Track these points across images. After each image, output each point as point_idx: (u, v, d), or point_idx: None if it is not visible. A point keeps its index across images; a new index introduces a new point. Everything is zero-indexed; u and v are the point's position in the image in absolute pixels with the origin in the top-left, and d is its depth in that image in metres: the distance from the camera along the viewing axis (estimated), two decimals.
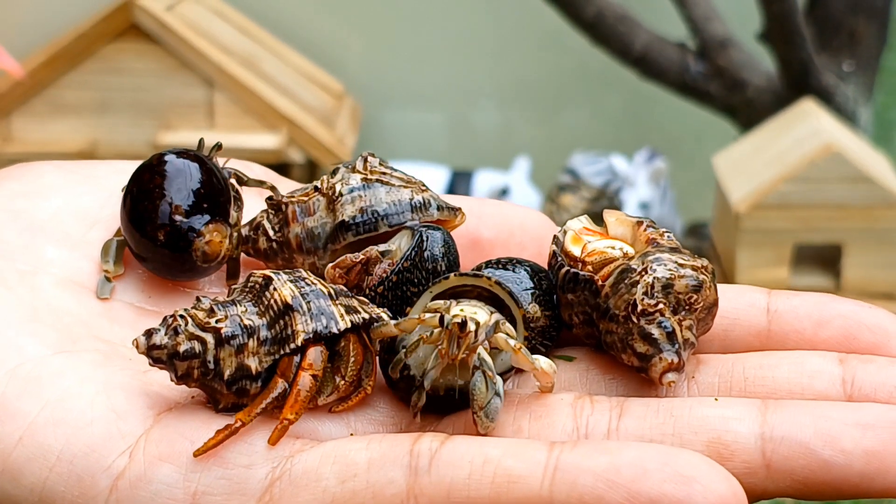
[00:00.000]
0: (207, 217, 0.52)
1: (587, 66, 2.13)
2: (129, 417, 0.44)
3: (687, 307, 0.47)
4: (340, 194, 0.52)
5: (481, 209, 0.56)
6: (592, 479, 0.39)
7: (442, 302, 0.47)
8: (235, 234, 0.54)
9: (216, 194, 0.53)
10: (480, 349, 0.45)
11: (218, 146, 0.56)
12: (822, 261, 1.69)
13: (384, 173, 0.53)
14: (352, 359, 0.46)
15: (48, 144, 2.02)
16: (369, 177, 0.53)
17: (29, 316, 0.48)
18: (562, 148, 2.11)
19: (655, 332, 0.47)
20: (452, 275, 0.48)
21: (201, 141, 0.56)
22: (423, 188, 0.53)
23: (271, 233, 0.53)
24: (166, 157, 0.53)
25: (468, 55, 2.19)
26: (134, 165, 0.55)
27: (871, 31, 1.86)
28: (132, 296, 0.52)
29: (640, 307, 0.47)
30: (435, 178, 2.01)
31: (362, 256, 0.51)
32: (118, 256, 0.53)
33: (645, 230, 0.50)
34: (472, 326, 0.45)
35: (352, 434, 0.46)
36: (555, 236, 0.51)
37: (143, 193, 0.52)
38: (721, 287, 0.50)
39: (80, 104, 2.05)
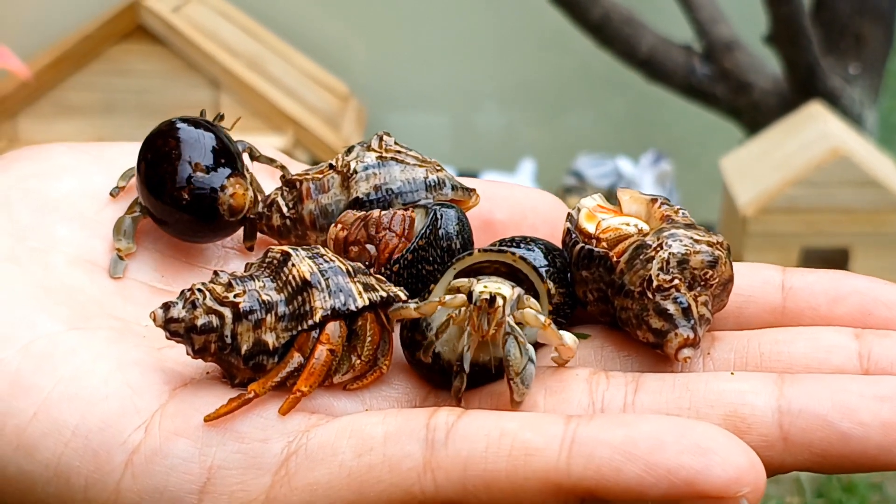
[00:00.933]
0: (228, 170, 0.53)
1: (592, 68, 2.13)
2: (145, 393, 0.44)
3: (702, 283, 0.47)
4: (355, 171, 0.52)
5: (494, 191, 0.56)
6: (609, 452, 0.39)
7: (465, 280, 0.47)
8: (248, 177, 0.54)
9: (230, 153, 0.53)
10: (509, 319, 0.45)
11: (220, 116, 0.56)
12: (828, 264, 1.69)
13: (399, 152, 0.53)
14: (368, 338, 0.46)
15: None
16: (384, 155, 0.53)
17: (42, 293, 0.48)
18: (567, 150, 2.11)
19: (671, 307, 0.47)
20: (476, 251, 0.48)
21: (203, 112, 0.56)
22: (438, 168, 0.53)
23: (285, 209, 0.53)
24: (177, 124, 0.53)
25: (473, 57, 2.20)
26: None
27: (877, 34, 1.87)
28: (145, 275, 0.52)
29: (655, 283, 0.47)
30: None
31: (363, 213, 0.51)
32: (131, 234, 0.53)
33: (659, 207, 0.50)
34: (500, 301, 0.45)
35: (367, 410, 0.46)
36: (569, 214, 0.51)
37: (161, 157, 0.52)
38: (736, 265, 0.50)
39: (86, 105, 2.06)
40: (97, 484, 0.43)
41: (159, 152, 0.53)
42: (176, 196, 0.52)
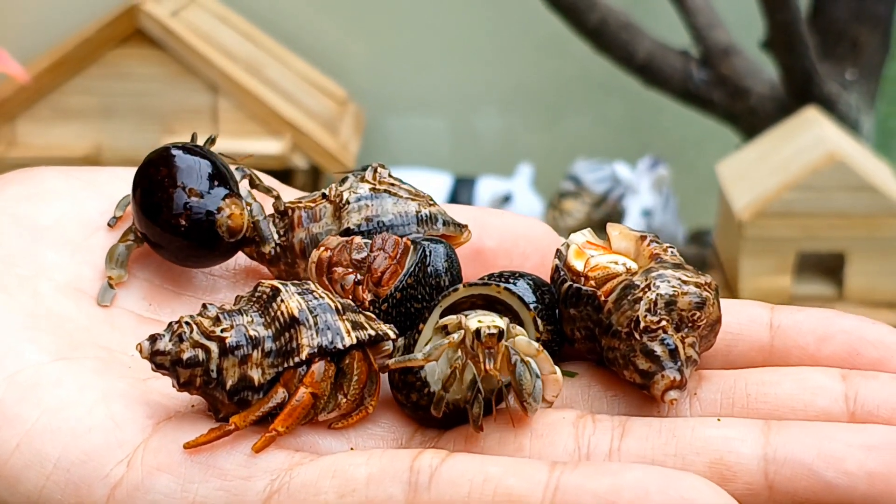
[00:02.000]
0: (223, 192, 0.53)
1: (589, 72, 2.13)
2: (128, 426, 0.44)
3: (690, 324, 0.47)
4: (347, 202, 0.52)
5: (484, 219, 0.56)
6: (593, 500, 0.39)
7: (453, 318, 0.47)
8: (254, 206, 0.54)
9: (224, 176, 0.54)
10: (509, 345, 0.46)
11: (211, 139, 0.56)
12: (824, 269, 1.68)
13: (393, 184, 0.53)
14: (355, 377, 0.46)
15: (52, 149, 2.02)
16: (378, 187, 0.53)
17: (29, 322, 0.48)
18: (564, 154, 2.11)
19: (658, 349, 0.47)
20: (461, 286, 0.48)
21: (194, 135, 0.56)
22: (431, 202, 0.53)
23: (276, 237, 0.53)
24: (171, 150, 0.54)
25: (471, 62, 2.19)
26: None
27: (873, 41, 1.86)
28: (133, 303, 0.52)
29: (642, 324, 0.47)
30: (438, 184, 2.01)
31: (346, 238, 0.51)
32: (124, 262, 0.53)
33: (648, 245, 0.50)
34: (504, 335, 0.45)
35: (352, 448, 0.46)
36: (558, 250, 0.51)
37: (156, 185, 0.53)
38: (724, 302, 0.50)
39: (85, 109, 2.05)
40: None
41: (153, 179, 0.53)
42: (174, 223, 0.52)
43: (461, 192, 2.03)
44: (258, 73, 2.05)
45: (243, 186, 0.55)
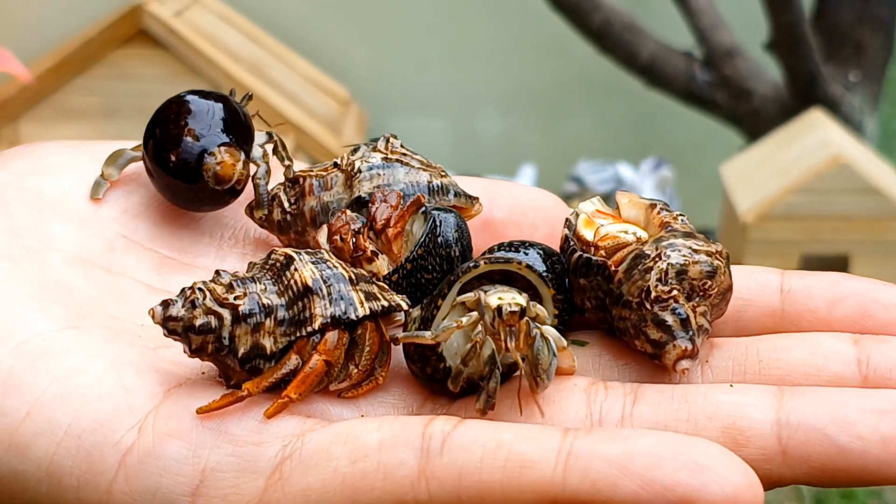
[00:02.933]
0: (222, 139, 0.53)
1: (592, 74, 2.13)
2: (139, 393, 0.44)
3: (701, 293, 0.47)
4: (359, 171, 0.52)
5: (494, 190, 0.56)
6: (606, 466, 0.38)
7: (471, 295, 0.46)
8: (260, 168, 0.54)
9: (238, 127, 0.54)
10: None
11: (249, 96, 0.56)
12: (828, 271, 1.68)
13: (405, 154, 0.53)
14: (367, 348, 0.46)
15: None
16: (389, 156, 0.53)
17: (37, 292, 0.48)
18: (567, 156, 2.11)
19: (669, 318, 0.46)
20: (481, 261, 0.47)
21: (232, 90, 0.56)
22: (443, 174, 0.53)
23: (286, 205, 0.53)
24: (189, 95, 0.54)
25: (474, 63, 2.20)
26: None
27: (877, 42, 1.87)
28: (143, 274, 0.52)
29: (653, 294, 0.46)
30: None
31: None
32: (122, 165, 0.54)
33: (658, 213, 0.50)
34: (526, 313, 0.45)
35: (363, 416, 0.46)
36: (567, 220, 0.51)
37: (162, 118, 0.54)
38: (734, 268, 0.49)
39: (88, 109, 2.06)
40: (89, 484, 0.43)
41: (164, 114, 0.54)
42: (164, 157, 0.53)
43: None
44: (261, 73, 2.05)
45: (259, 148, 0.55)
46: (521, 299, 0.45)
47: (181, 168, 0.53)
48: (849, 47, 1.87)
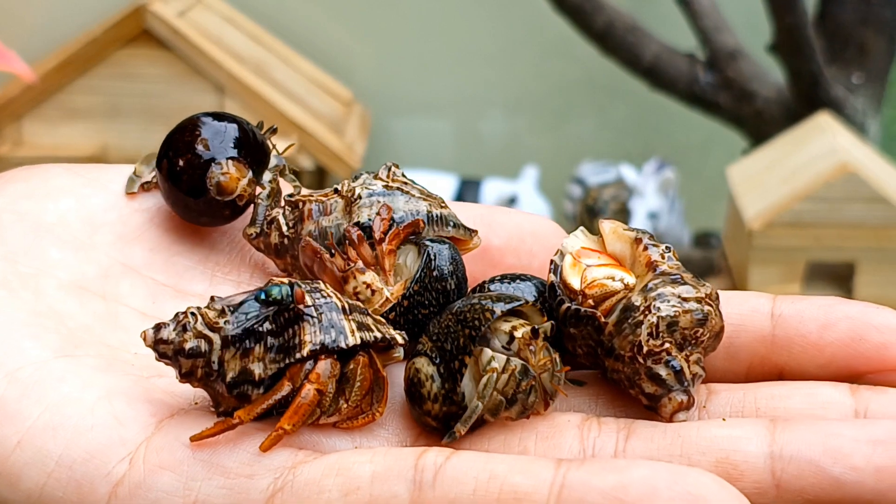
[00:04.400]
0: (231, 153, 0.54)
1: (595, 75, 2.13)
2: (131, 424, 0.44)
3: (693, 341, 0.47)
4: (360, 197, 0.52)
5: (492, 217, 0.56)
6: (600, 498, 0.38)
7: (501, 356, 0.46)
8: (267, 190, 0.54)
9: (251, 149, 0.55)
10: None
11: (273, 129, 0.57)
12: (834, 278, 1.68)
13: (405, 183, 0.53)
14: (357, 383, 0.46)
15: (59, 149, 2.02)
16: (390, 184, 0.53)
17: (31, 319, 0.48)
18: (570, 157, 2.11)
19: (663, 372, 0.46)
20: (497, 310, 0.47)
21: (260, 123, 0.57)
22: (443, 205, 0.53)
23: (284, 228, 0.53)
24: (203, 117, 0.55)
25: (477, 64, 2.19)
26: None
27: (880, 44, 1.86)
28: (138, 301, 0.52)
29: (645, 348, 0.46)
30: (443, 185, 2.01)
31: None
32: (154, 166, 0.55)
33: (644, 250, 0.49)
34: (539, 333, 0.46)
35: (356, 447, 0.46)
36: (552, 262, 0.50)
37: (179, 131, 0.55)
38: (725, 294, 0.49)
39: (91, 109, 2.06)
40: None
41: (181, 126, 0.55)
42: (172, 162, 0.54)
43: (466, 193, 2.03)
44: (265, 74, 2.05)
45: (269, 173, 0.56)
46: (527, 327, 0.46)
47: (185, 174, 0.53)
48: (852, 49, 1.86)
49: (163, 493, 0.42)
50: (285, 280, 0.47)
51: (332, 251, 0.51)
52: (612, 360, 0.47)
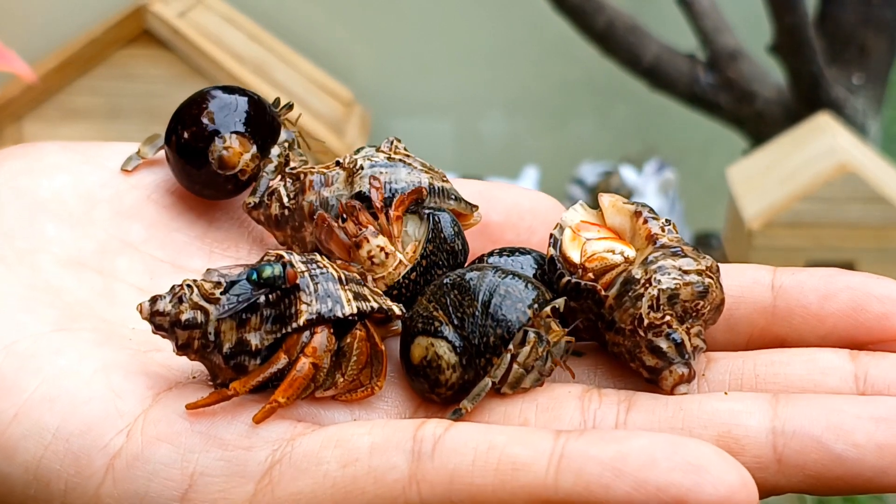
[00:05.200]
0: (237, 127, 0.54)
1: (595, 76, 2.13)
2: (128, 396, 0.44)
3: (694, 314, 0.46)
4: (361, 167, 0.52)
5: (491, 193, 0.56)
6: (599, 468, 0.38)
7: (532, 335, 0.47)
8: (274, 164, 0.54)
9: (259, 125, 0.55)
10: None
11: (289, 106, 0.57)
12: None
13: (408, 156, 0.53)
14: (354, 358, 0.46)
15: None
16: (393, 156, 0.53)
17: (28, 293, 0.47)
18: (570, 157, 2.11)
19: (664, 344, 0.46)
20: (530, 315, 0.47)
21: (277, 99, 0.57)
22: (444, 179, 0.53)
23: (285, 199, 0.53)
24: (212, 91, 0.55)
25: (477, 65, 2.20)
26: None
27: (880, 45, 1.86)
28: (134, 276, 0.52)
29: (646, 321, 0.46)
30: None
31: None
32: (157, 146, 0.56)
33: (644, 223, 0.49)
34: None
35: (354, 419, 0.46)
36: (552, 235, 0.50)
37: (187, 104, 0.55)
38: (725, 266, 0.49)
39: (92, 109, 2.06)
40: (77, 488, 0.43)
41: (190, 100, 0.55)
42: (179, 133, 0.54)
43: None
44: (265, 74, 2.05)
45: (278, 147, 0.56)
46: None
47: (190, 146, 0.53)
48: (852, 50, 1.86)
49: (160, 464, 0.42)
50: (282, 254, 0.46)
51: (344, 217, 0.50)
52: (613, 334, 0.47)
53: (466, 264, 0.52)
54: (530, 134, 2.23)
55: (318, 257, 0.47)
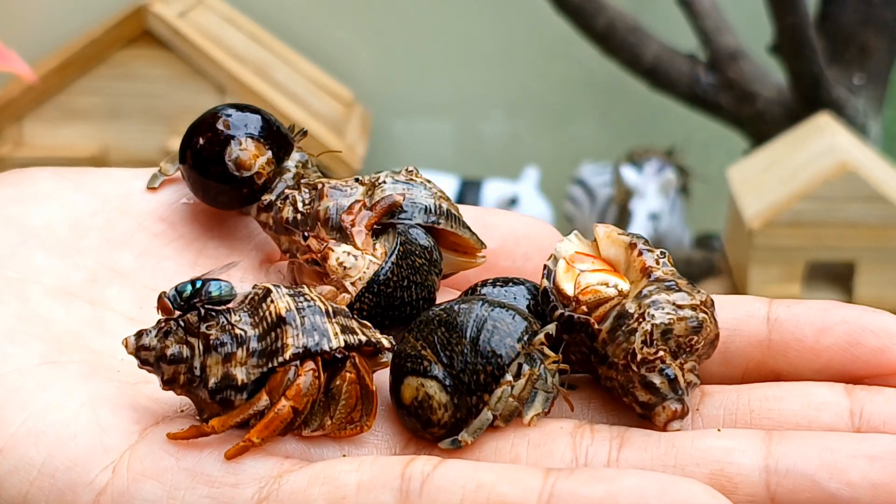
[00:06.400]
0: (253, 133, 0.54)
1: (596, 76, 2.12)
2: (114, 432, 0.44)
3: (688, 349, 0.46)
4: (384, 182, 0.52)
5: (486, 219, 0.55)
6: None
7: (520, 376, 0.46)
8: (292, 172, 0.54)
9: (272, 137, 0.55)
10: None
11: (303, 133, 0.57)
12: (834, 277, 1.67)
13: (428, 181, 0.53)
14: (342, 402, 0.45)
15: (59, 149, 2.02)
16: (414, 179, 0.53)
17: (15, 324, 0.47)
18: (571, 158, 2.11)
19: (657, 380, 0.45)
20: (520, 349, 0.47)
21: (292, 125, 0.58)
22: (457, 211, 0.53)
23: (300, 204, 0.53)
24: (227, 108, 0.56)
25: (478, 65, 2.19)
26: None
27: (881, 45, 1.86)
28: (124, 306, 0.52)
29: (639, 356, 0.45)
30: (444, 186, 2.01)
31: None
32: (178, 166, 0.56)
33: (639, 255, 0.48)
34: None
35: (344, 455, 0.46)
36: (546, 266, 0.50)
37: (203, 117, 0.55)
38: (720, 298, 0.49)
39: (92, 110, 2.05)
40: None
41: (204, 115, 0.56)
42: (194, 140, 0.54)
43: (467, 194, 2.02)
44: (265, 74, 2.05)
45: (294, 166, 0.56)
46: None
47: (205, 150, 0.54)
48: (853, 50, 1.86)
49: (146, 501, 0.42)
50: (269, 288, 0.46)
51: (306, 235, 0.51)
52: (606, 368, 0.47)
53: (459, 295, 0.51)
54: (531, 134, 2.23)
55: (306, 290, 0.47)
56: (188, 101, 2.02)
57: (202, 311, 0.45)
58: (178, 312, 0.46)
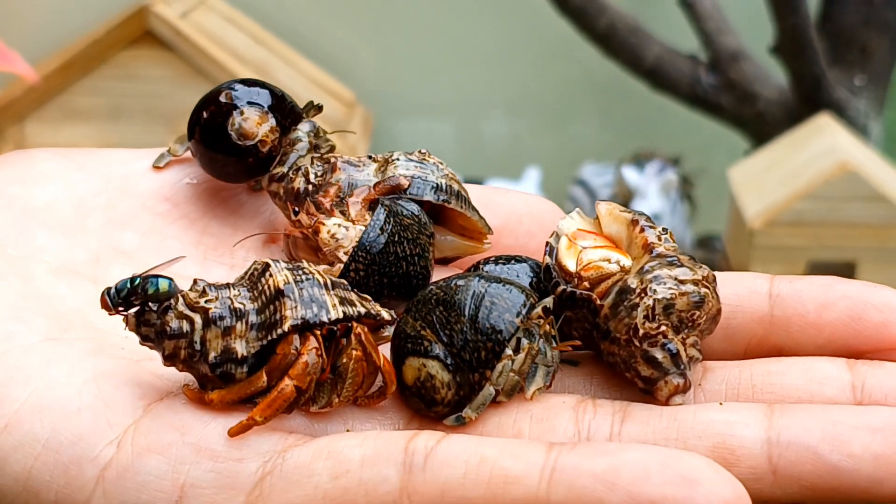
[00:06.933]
0: (258, 104, 0.54)
1: (597, 77, 2.12)
2: (118, 407, 0.44)
3: (690, 324, 0.46)
4: (397, 159, 0.52)
5: (489, 197, 0.56)
6: (591, 481, 0.38)
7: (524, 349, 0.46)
8: (304, 142, 0.55)
9: (279, 108, 0.55)
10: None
11: (319, 107, 0.57)
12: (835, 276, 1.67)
13: (441, 163, 0.54)
14: (349, 380, 0.46)
15: None
16: (426, 159, 0.53)
17: (19, 303, 0.47)
18: (572, 158, 2.11)
19: (659, 354, 0.45)
20: (519, 325, 0.47)
21: (310, 101, 0.58)
22: (466, 192, 0.54)
23: (312, 176, 0.53)
24: (233, 83, 0.56)
25: (479, 66, 2.19)
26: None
27: (882, 46, 1.86)
28: None
29: (641, 331, 0.45)
30: None
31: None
32: (187, 146, 0.56)
33: (641, 232, 0.48)
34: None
35: (348, 430, 0.46)
36: (548, 243, 0.50)
37: (211, 93, 0.56)
38: (722, 275, 0.49)
39: (94, 110, 2.06)
40: (67, 499, 0.42)
41: (213, 90, 0.56)
42: (201, 111, 0.55)
43: None
44: (267, 75, 2.05)
45: (304, 135, 0.56)
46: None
47: (209, 123, 0.55)
48: (854, 51, 1.86)
49: (151, 476, 0.42)
50: (267, 259, 0.47)
51: (296, 210, 0.51)
52: (608, 343, 0.47)
53: (462, 271, 0.52)
54: (532, 134, 2.23)
55: (305, 264, 0.47)
56: (190, 101, 2.00)
57: (144, 308, 0.46)
58: (119, 309, 0.46)
